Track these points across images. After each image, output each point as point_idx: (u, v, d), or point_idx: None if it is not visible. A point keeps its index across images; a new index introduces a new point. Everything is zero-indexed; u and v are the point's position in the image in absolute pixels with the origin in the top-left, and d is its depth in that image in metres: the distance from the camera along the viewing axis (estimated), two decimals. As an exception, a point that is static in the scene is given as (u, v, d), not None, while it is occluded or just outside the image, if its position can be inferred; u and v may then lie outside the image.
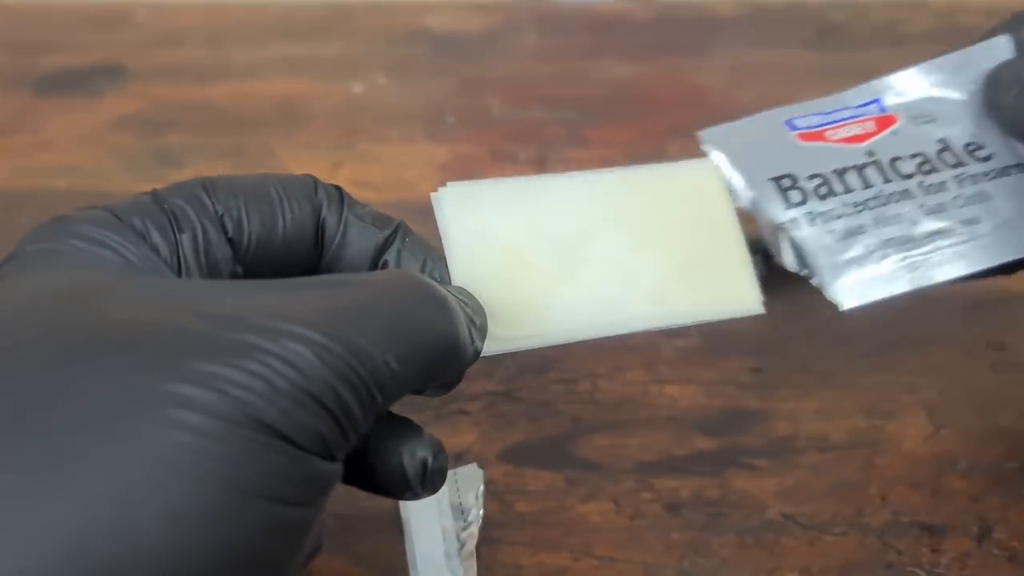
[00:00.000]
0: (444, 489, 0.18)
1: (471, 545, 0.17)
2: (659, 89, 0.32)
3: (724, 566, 0.17)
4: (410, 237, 0.15)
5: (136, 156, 0.30)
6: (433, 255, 0.15)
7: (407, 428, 0.14)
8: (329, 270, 0.15)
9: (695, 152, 0.30)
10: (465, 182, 0.15)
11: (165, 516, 0.10)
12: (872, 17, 0.37)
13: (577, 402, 0.20)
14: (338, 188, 0.15)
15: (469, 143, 0.30)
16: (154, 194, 0.14)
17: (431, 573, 0.17)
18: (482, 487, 0.18)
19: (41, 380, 0.11)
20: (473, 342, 0.14)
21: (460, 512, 0.18)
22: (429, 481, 0.14)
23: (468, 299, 0.14)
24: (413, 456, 0.14)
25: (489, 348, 0.14)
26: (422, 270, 0.15)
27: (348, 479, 0.14)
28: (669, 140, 0.23)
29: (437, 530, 0.17)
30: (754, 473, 0.19)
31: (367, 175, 0.29)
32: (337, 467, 0.12)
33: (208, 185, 0.14)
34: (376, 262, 0.15)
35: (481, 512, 0.17)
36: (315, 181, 0.15)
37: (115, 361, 0.11)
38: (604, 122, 0.31)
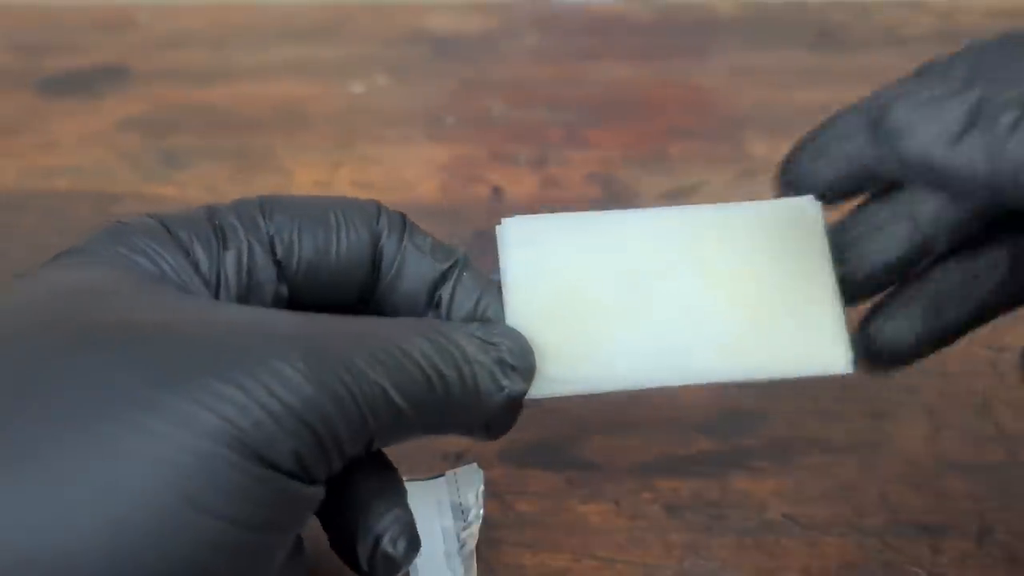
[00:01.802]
0: (444, 489, 0.18)
1: (471, 545, 0.17)
2: (659, 90, 0.32)
3: (724, 567, 0.17)
4: (468, 271, 0.14)
5: (139, 157, 0.30)
6: (490, 291, 0.14)
7: (382, 496, 0.13)
8: (383, 300, 0.14)
9: (695, 152, 0.30)
10: (530, 216, 0.14)
11: (108, 522, 0.10)
12: (873, 18, 0.37)
13: (577, 402, 0.20)
14: (402, 216, 0.15)
15: (469, 144, 0.30)
16: (209, 209, 0.14)
17: (431, 573, 0.17)
18: (482, 487, 0.18)
19: (24, 370, 0.11)
20: (503, 389, 0.13)
21: (460, 512, 0.18)
22: (377, 564, 0.13)
23: (511, 340, 0.13)
24: (368, 531, 0.13)
25: (542, 390, 0.14)
26: (475, 307, 0.14)
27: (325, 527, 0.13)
28: (669, 141, 0.23)
29: (437, 530, 0.17)
30: (754, 474, 0.19)
31: (367, 176, 0.29)
32: (314, 491, 0.12)
33: (265, 204, 0.14)
34: (432, 295, 0.14)
35: (481, 512, 0.17)
36: (379, 208, 0.14)
37: (97, 359, 0.11)
38: (604, 123, 0.31)
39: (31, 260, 0.14)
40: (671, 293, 0.14)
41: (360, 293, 0.14)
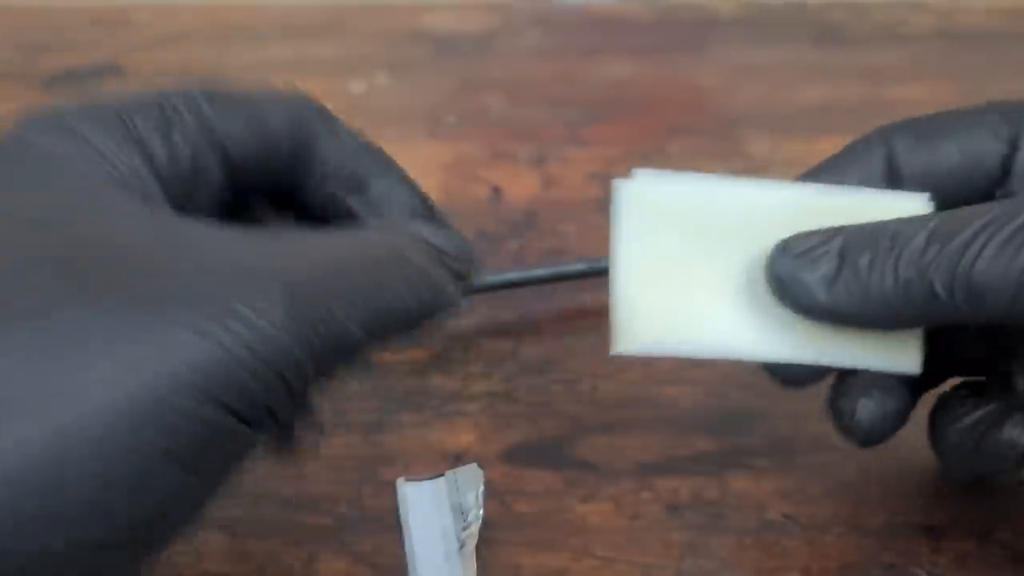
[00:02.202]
0: (444, 489, 0.18)
1: (471, 545, 0.17)
2: (659, 89, 0.32)
3: (724, 566, 0.17)
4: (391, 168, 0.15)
5: (137, 157, 0.30)
6: (406, 181, 0.15)
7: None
8: (319, 181, 0.15)
9: (695, 151, 0.30)
10: (649, 174, 0.15)
11: (55, 431, 0.10)
12: (873, 17, 0.37)
13: (577, 402, 0.21)
14: (322, 108, 0.15)
15: (470, 142, 0.30)
16: (159, 95, 0.14)
17: (431, 573, 0.17)
18: (482, 487, 0.18)
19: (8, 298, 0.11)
20: (453, 304, 0.14)
21: (460, 512, 0.18)
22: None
23: (452, 244, 0.14)
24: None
25: (639, 347, 0.14)
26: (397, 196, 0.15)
27: None
28: (669, 140, 0.23)
29: (437, 530, 0.17)
30: (754, 474, 0.19)
31: (368, 175, 0.29)
32: (258, 437, 0.12)
33: (209, 94, 0.14)
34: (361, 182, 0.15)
35: (481, 512, 0.17)
36: (306, 97, 0.15)
37: (64, 292, 0.11)
38: (604, 122, 0.31)
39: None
40: None
41: (292, 177, 0.15)
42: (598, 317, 0.23)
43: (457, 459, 0.19)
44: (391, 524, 0.18)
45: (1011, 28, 0.36)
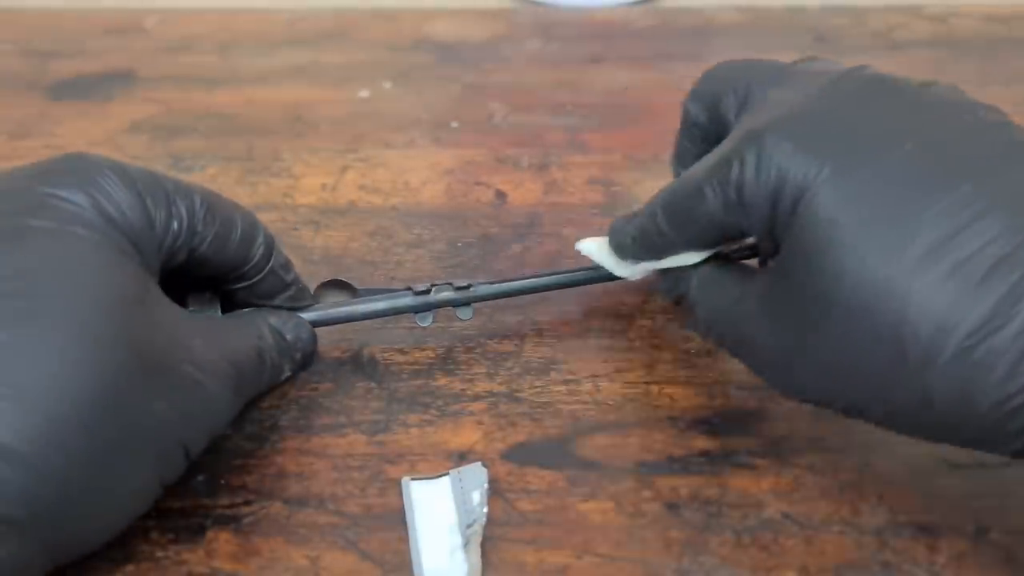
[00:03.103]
0: (449, 487, 0.18)
1: (476, 543, 0.17)
2: (659, 95, 0.33)
3: (722, 564, 0.17)
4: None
5: (147, 161, 0.30)
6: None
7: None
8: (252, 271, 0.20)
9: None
10: None
11: None
12: (869, 23, 0.37)
13: (578, 402, 0.21)
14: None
15: (473, 148, 0.31)
16: (175, 184, 0.19)
17: (436, 570, 0.17)
18: (486, 485, 0.18)
19: None
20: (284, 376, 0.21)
21: (464, 510, 0.18)
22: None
23: (295, 332, 0.21)
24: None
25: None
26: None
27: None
28: (669, 145, 0.23)
29: (442, 528, 0.18)
30: (752, 473, 0.19)
31: (372, 179, 0.29)
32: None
33: (203, 200, 0.19)
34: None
35: (485, 510, 0.18)
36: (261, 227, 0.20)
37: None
38: (605, 128, 0.31)
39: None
40: None
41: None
42: (599, 319, 0.23)
43: (461, 458, 0.19)
44: (397, 522, 0.18)
45: (1007, 34, 0.36)
